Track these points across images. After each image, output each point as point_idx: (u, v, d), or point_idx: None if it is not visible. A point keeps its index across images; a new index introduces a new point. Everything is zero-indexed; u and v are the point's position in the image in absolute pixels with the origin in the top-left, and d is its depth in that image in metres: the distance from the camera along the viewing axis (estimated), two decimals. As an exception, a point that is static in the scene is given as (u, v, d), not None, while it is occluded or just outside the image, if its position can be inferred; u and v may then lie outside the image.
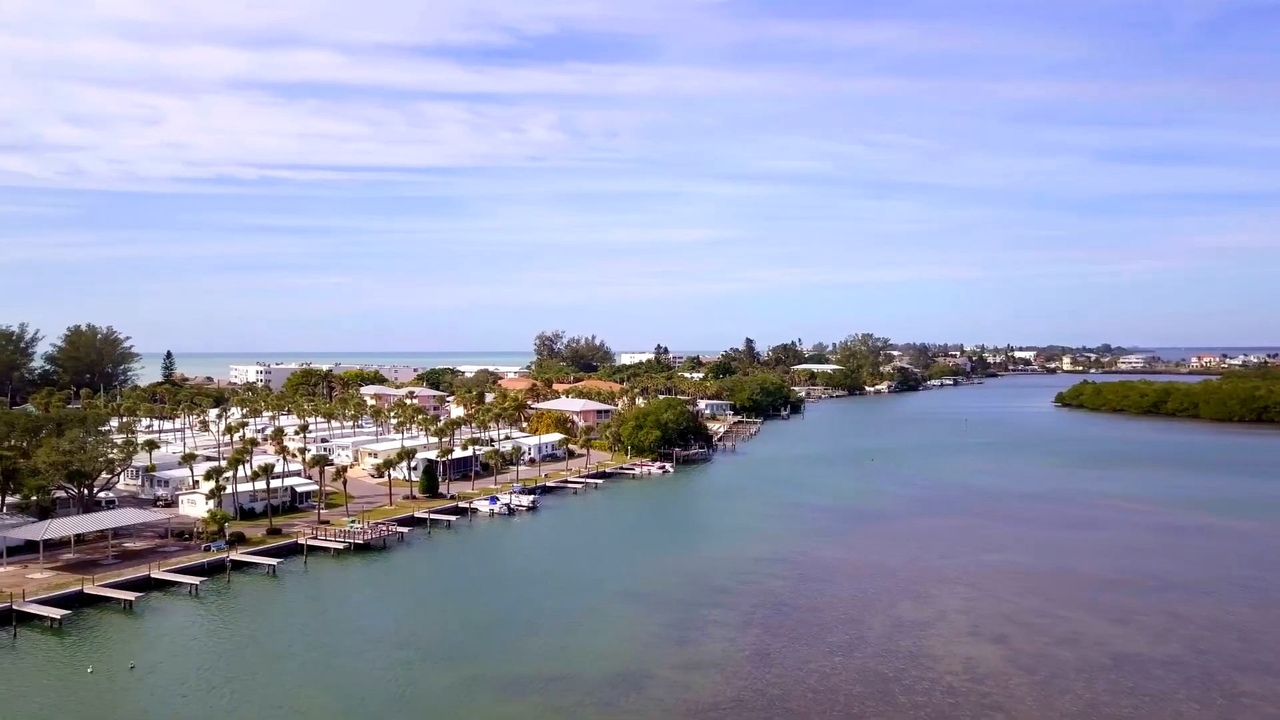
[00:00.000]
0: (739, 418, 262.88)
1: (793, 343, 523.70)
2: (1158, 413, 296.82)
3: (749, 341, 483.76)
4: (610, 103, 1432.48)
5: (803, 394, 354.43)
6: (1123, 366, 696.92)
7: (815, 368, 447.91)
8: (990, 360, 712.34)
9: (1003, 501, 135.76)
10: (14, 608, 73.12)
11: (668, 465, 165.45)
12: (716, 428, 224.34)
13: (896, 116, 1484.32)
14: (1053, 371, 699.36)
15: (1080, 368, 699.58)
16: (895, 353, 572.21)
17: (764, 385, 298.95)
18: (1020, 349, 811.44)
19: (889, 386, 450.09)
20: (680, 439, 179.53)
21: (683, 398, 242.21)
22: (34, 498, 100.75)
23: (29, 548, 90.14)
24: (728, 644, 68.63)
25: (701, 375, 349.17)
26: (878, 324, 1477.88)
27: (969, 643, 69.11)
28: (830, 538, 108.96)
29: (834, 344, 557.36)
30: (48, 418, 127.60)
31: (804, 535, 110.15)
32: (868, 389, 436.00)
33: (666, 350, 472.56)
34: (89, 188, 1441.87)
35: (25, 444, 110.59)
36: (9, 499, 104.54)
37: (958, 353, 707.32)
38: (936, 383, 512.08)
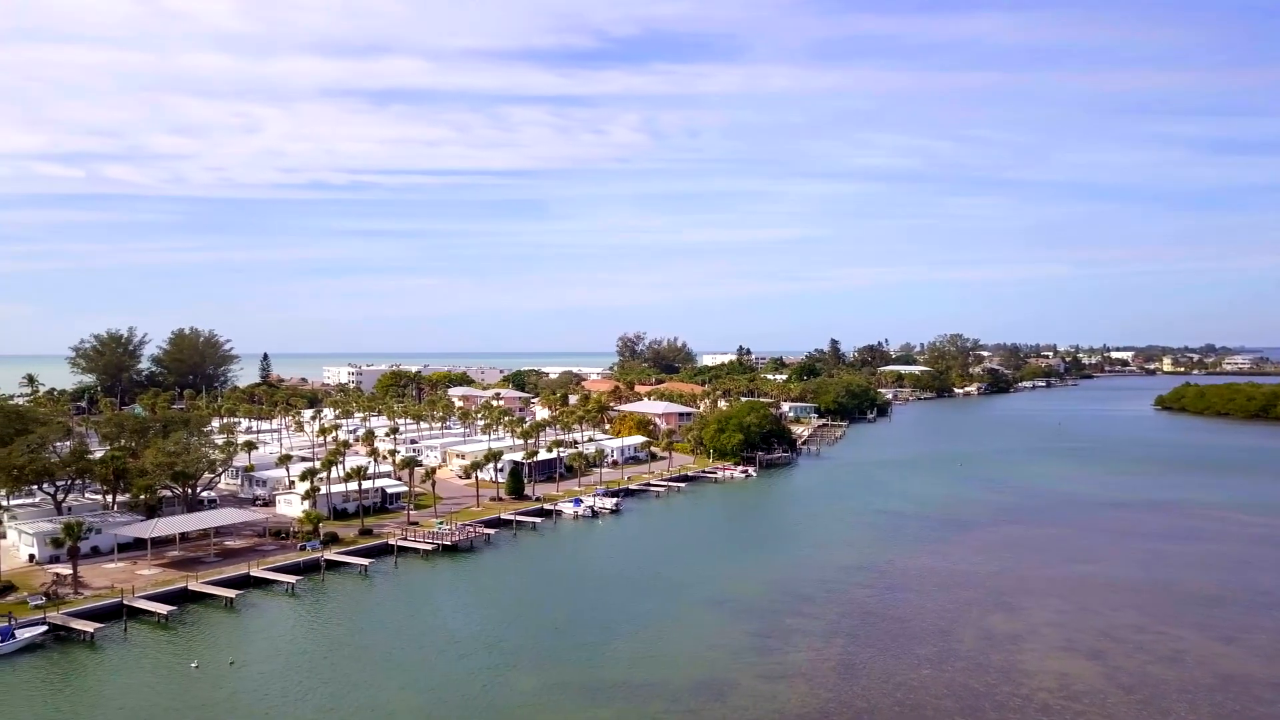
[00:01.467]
0: (823, 421, 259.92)
1: (879, 343, 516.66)
2: (1266, 417, 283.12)
3: (834, 342, 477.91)
4: (693, 103, 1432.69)
5: (889, 396, 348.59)
6: (1228, 368, 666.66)
7: (902, 369, 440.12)
8: (1085, 361, 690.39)
9: (1098, 510, 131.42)
10: (125, 603, 76.66)
11: (750, 469, 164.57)
12: (800, 431, 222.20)
13: (988, 111, 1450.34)
14: (1152, 373, 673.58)
15: (1182, 369, 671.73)
16: (985, 353, 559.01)
17: (849, 387, 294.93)
18: (1117, 349, 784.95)
19: (979, 388, 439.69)
20: (763, 442, 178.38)
21: (766, 400, 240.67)
22: (142, 497, 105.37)
23: (137, 544, 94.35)
24: (813, 654, 67.99)
25: (785, 377, 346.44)
26: (967, 324, 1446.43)
27: (1063, 658, 67.14)
28: (917, 545, 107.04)
29: (922, 344, 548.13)
30: (154, 419, 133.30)
31: (890, 543, 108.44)
32: (956, 391, 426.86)
33: (749, 351, 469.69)
34: (191, 195, 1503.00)
35: (134, 445, 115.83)
36: (119, 497, 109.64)
37: (1050, 353, 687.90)
38: (1028, 384, 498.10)
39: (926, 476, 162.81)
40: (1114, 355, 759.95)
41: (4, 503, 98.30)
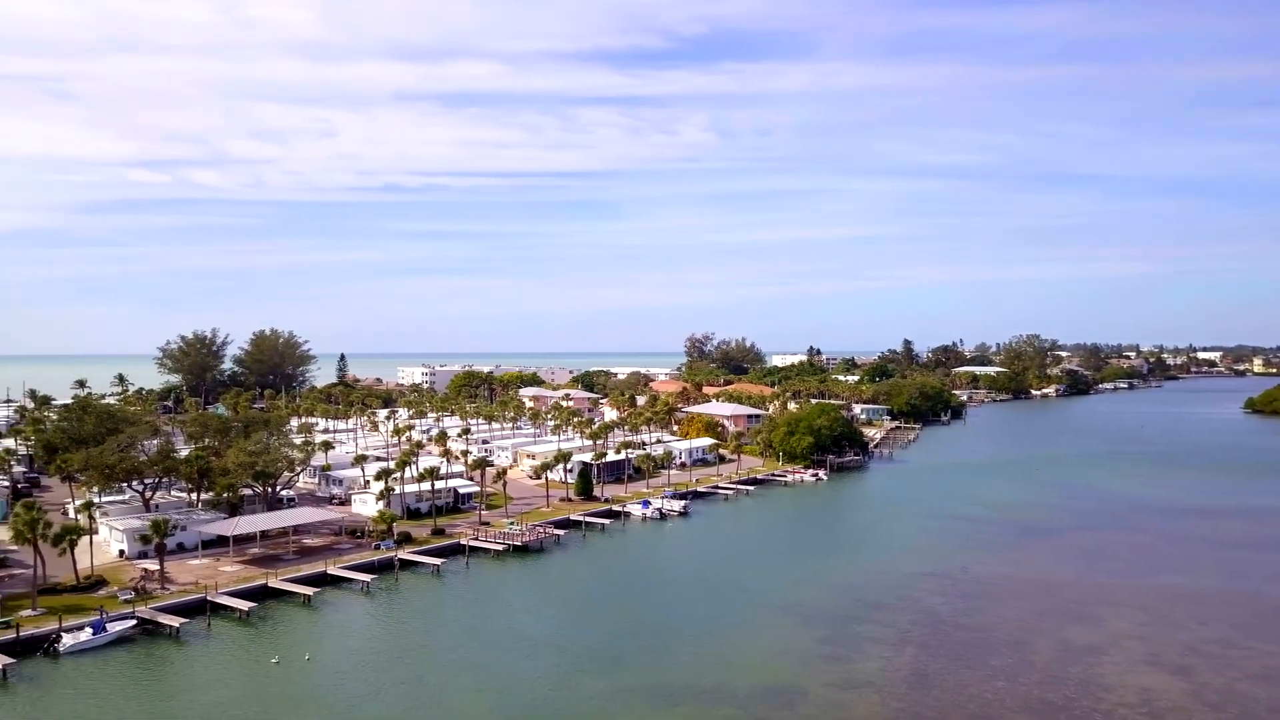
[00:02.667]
0: (896, 423, 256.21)
1: (953, 343, 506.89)
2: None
3: (907, 343, 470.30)
4: (762, 101, 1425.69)
5: (964, 398, 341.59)
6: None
7: (978, 370, 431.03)
8: (1170, 362, 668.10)
9: (1183, 517, 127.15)
10: (208, 599, 79.20)
11: (821, 473, 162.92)
12: (872, 433, 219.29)
13: (1064, 105, 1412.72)
14: (1242, 374, 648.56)
15: (1273, 370, 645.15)
16: (1064, 354, 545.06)
17: (923, 389, 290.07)
18: (1204, 349, 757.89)
19: (1057, 390, 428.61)
20: (834, 445, 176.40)
21: (836, 402, 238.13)
22: (224, 495, 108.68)
23: (220, 542, 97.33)
24: (883, 662, 67.07)
25: (856, 378, 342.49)
26: (1045, 323, 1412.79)
27: (1146, 672, 65.10)
28: (992, 552, 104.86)
29: (998, 345, 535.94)
30: (236, 419, 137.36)
31: (964, 549, 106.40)
32: (1034, 392, 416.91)
33: (820, 352, 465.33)
34: (270, 198, 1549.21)
35: (217, 444, 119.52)
36: (203, 495, 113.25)
37: (1133, 354, 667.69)
38: (1109, 386, 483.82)
39: (1002, 481, 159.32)
40: (1201, 356, 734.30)
41: (96, 500, 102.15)
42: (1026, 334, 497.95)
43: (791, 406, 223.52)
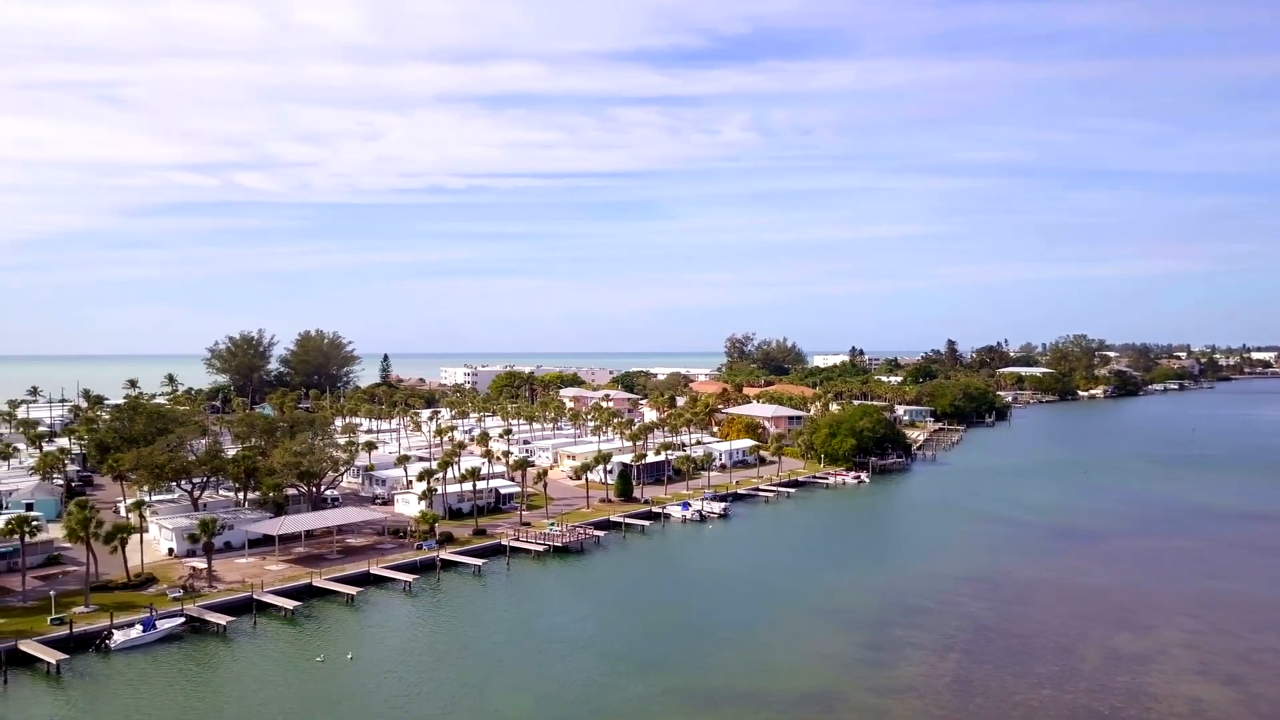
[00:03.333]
0: (940, 425, 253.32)
1: (998, 344, 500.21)
2: None
3: (950, 343, 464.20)
4: (804, 100, 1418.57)
5: (1009, 399, 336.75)
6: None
7: (1023, 371, 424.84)
8: (1222, 363, 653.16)
9: (1235, 522, 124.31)
10: (254, 598, 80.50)
11: (863, 475, 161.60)
12: (915, 435, 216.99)
13: (1114, 100, 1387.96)
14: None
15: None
16: (1112, 354, 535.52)
17: (967, 390, 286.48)
18: (1258, 350, 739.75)
19: (1105, 391, 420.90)
20: (876, 447, 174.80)
21: (879, 403, 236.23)
22: (270, 495, 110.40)
23: (266, 541, 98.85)
24: (926, 668, 66.36)
25: (899, 379, 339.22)
26: (1092, 323, 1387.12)
27: (1196, 682, 63.74)
28: (1038, 557, 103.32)
29: (1043, 345, 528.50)
30: (282, 420, 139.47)
31: (1009, 553, 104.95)
32: (1081, 394, 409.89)
33: (862, 352, 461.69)
34: (315, 200, 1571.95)
35: (263, 444, 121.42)
36: (249, 495, 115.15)
37: (1183, 354, 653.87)
38: (1159, 387, 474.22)
39: (1048, 484, 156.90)
40: (1254, 356, 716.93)
41: (146, 499, 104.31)
42: (1073, 334, 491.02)
43: (833, 408, 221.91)
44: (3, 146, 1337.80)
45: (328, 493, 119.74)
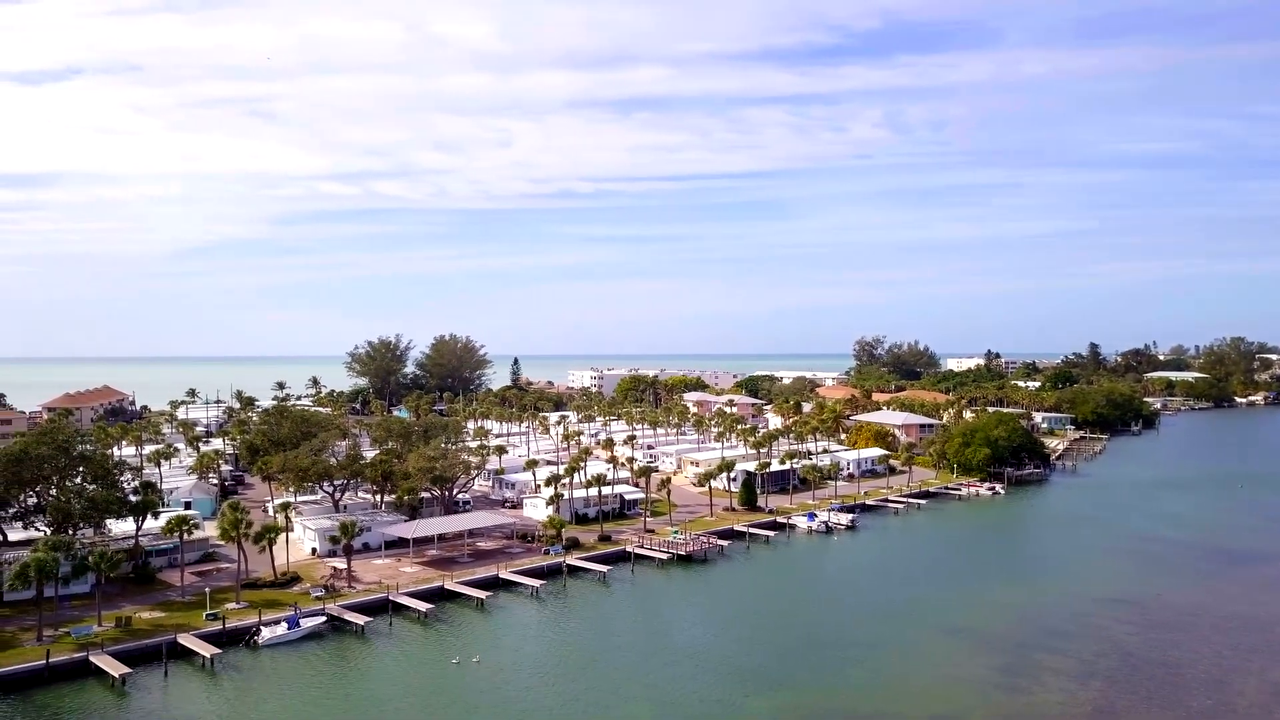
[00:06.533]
0: (1081, 433, 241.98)
1: (1145, 346, 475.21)
2: None
3: (1093, 346, 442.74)
4: (939, 94, 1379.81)
5: (1157, 406, 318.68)
6: None
7: (1173, 375, 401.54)
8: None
9: None
10: (390, 599, 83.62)
11: (998, 486, 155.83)
12: (1054, 444, 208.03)
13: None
14: None
15: None
16: (1274, 357, 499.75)
17: (1111, 396, 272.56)
18: None
19: (1265, 397, 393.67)
20: (1012, 457, 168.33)
21: (1016, 410, 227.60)
22: (405, 498, 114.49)
23: (400, 543, 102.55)
24: (1065, 696, 63.49)
25: (1038, 384, 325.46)
26: (1252, 325, 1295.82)
27: (1370, 725, 58.98)
28: (1189, 579, 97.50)
29: (1196, 347, 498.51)
30: (416, 423, 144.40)
31: (1157, 574, 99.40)
32: (1238, 400, 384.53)
33: (998, 356, 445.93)
34: (452, 206, 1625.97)
35: (399, 448, 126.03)
36: (386, 497, 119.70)
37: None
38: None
39: (1200, 499, 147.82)
40: None
41: (292, 500, 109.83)
42: (1230, 336, 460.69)
43: (967, 415, 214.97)
44: (169, 161, 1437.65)
45: (459, 496, 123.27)
